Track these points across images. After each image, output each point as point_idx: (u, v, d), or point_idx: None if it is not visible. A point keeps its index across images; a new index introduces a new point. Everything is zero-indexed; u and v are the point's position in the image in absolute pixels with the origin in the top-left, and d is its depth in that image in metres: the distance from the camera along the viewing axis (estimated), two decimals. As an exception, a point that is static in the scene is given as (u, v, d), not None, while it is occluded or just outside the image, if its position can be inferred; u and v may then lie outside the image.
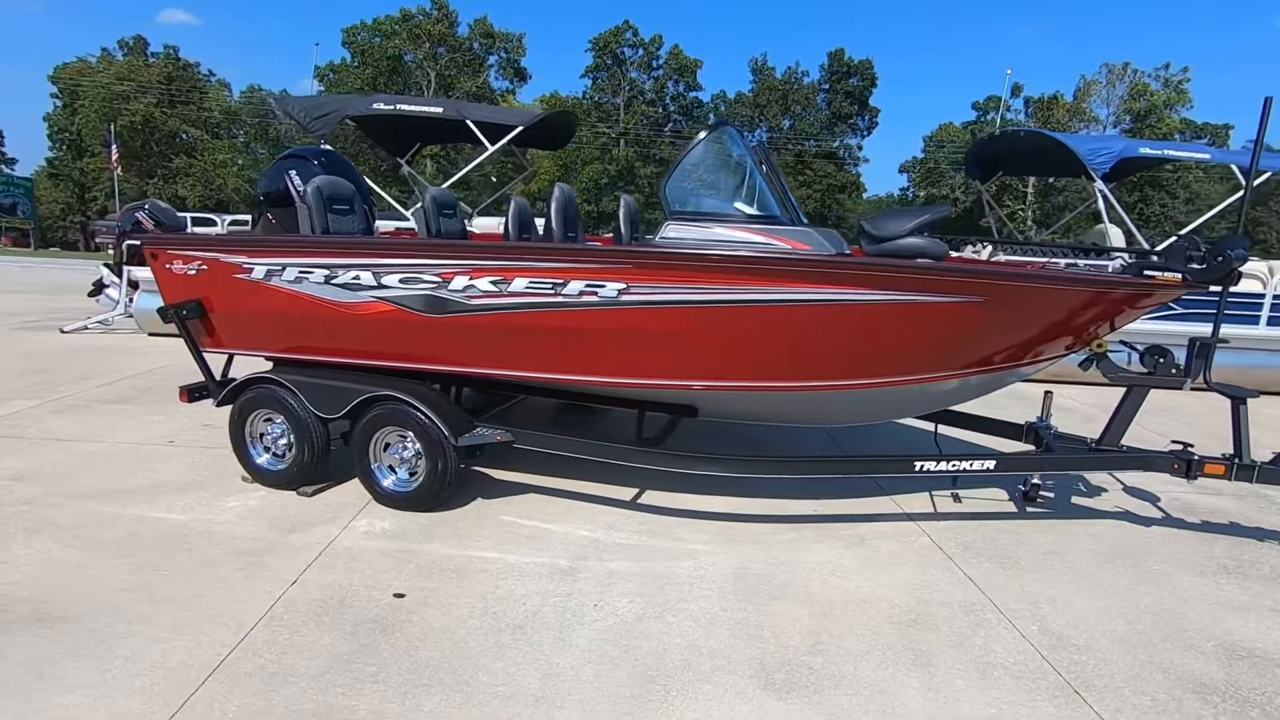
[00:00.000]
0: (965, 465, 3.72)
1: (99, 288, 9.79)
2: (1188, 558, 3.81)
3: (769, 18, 75.49)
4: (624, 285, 3.34)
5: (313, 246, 3.82)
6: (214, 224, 9.36)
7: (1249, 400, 3.83)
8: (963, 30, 73.14)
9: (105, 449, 4.72)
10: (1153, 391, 4.00)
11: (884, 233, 3.62)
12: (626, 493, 4.34)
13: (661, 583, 3.27)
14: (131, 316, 8.87)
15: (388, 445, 3.93)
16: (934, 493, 4.54)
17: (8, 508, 3.73)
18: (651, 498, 4.28)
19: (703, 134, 3.60)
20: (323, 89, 46.59)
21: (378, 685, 2.44)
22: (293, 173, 4.67)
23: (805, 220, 3.90)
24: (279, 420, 4.09)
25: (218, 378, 4.43)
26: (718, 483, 4.34)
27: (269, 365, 4.38)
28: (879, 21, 73.41)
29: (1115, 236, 8.44)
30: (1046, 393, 4.42)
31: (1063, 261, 5.87)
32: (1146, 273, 3.70)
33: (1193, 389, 3.92)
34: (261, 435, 4.18)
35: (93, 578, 3.07)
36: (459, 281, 3.56)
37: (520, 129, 7.73)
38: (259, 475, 4.16)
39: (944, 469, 3.74)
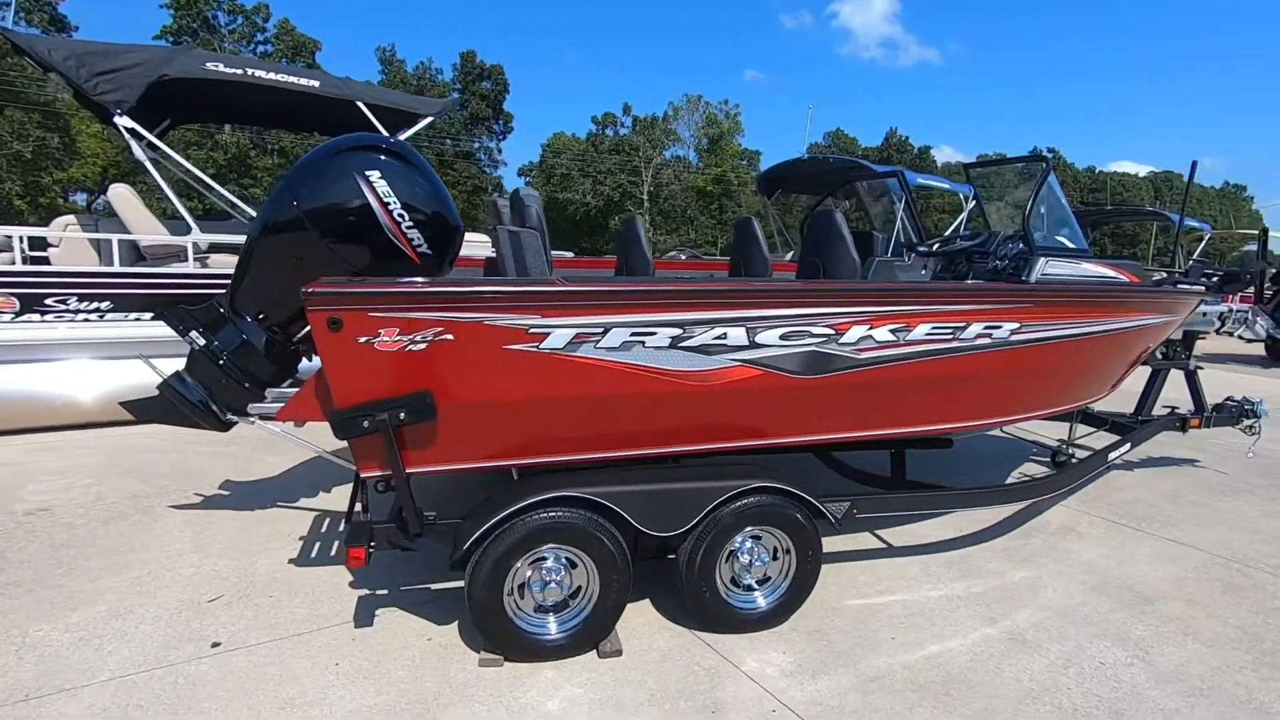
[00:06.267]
0: (1123, 450, 4.54)
1: None
2: (1204, 488, 5.26)
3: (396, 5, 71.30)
4: (1018, 324, 3.18)
5: (667, 298, 2.62)
6: None
7: (1198, 370, 5.50)
8: (584, 50, 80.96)
9: (148, 680, 2.42)
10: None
11: None
12: (865, 541, 4.07)
13: (1077, 619, 3.26)
14: None
15: (731, 553, 2.96)
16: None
17: None
18: (889, 535, 4.10)
19: (1049, 173, 3.57)
20: None
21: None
22: (374, 174, 3.10)
23: None
24: (559, 559, 2.71)
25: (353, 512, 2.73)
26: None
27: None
28: (508, 33, 76.16)
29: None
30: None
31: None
32: (1180, 285, 5.00)
33: None
34: (520, 588, 2.71)
35: None
36: (855, 332, 2.89)
37: (430, 119, 6.07)
38: (528, 650, 2.69)
39: (1114, 457, 4.50)
